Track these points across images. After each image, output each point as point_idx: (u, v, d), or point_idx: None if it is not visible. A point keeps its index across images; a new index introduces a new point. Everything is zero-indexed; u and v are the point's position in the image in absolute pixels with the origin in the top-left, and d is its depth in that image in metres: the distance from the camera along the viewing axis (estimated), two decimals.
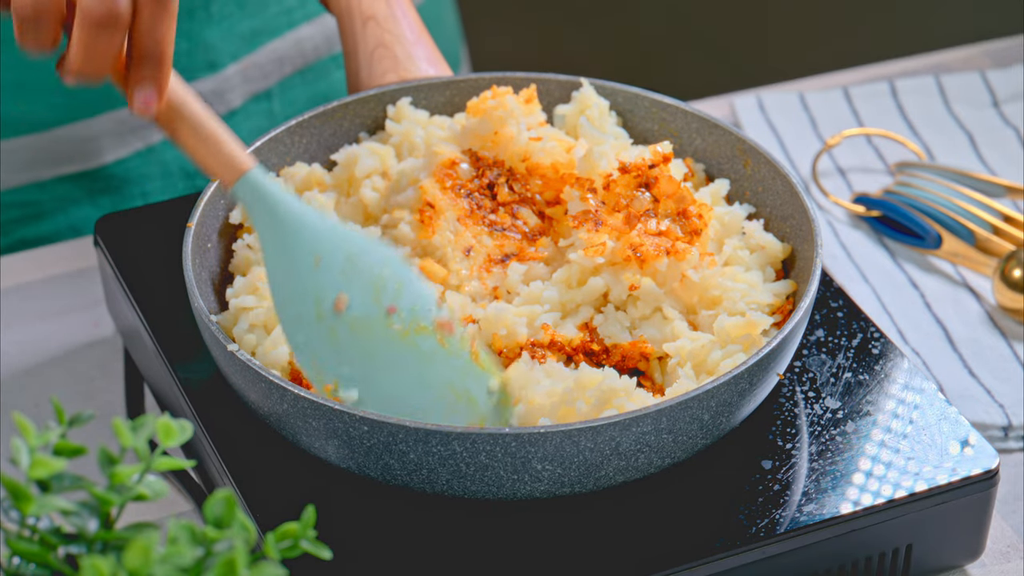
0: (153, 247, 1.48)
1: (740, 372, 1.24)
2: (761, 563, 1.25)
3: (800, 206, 1.39)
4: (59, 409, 1.01)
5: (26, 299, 1.66)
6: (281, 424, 1.27)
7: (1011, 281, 1.59)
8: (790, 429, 1.33)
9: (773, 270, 1.40)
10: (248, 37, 1.82)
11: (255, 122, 1.87)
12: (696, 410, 1.23)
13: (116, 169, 1.82)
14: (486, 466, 1.21)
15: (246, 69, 1.83)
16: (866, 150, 1.82)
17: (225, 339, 1.27)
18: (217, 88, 1.82)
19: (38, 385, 1.57)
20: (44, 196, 1.80)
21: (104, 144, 1.80)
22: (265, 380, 1.24)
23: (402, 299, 1.25)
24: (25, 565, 0.98)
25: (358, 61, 1.54)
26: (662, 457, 1.24)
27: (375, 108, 1.51)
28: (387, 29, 1.54)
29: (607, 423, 1.20)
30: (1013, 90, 1.89)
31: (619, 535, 1.25)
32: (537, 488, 1.23)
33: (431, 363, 1.26)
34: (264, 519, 1.25)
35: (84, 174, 1.81)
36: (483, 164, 1.43)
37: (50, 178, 1.80)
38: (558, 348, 1.32)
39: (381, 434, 1.21)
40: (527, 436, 1.20)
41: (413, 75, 1.53)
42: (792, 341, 1.29)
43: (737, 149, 1.46)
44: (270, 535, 0.99)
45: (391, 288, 1.26)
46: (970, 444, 1.32)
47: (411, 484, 1.24)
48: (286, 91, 1.88)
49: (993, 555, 1.38)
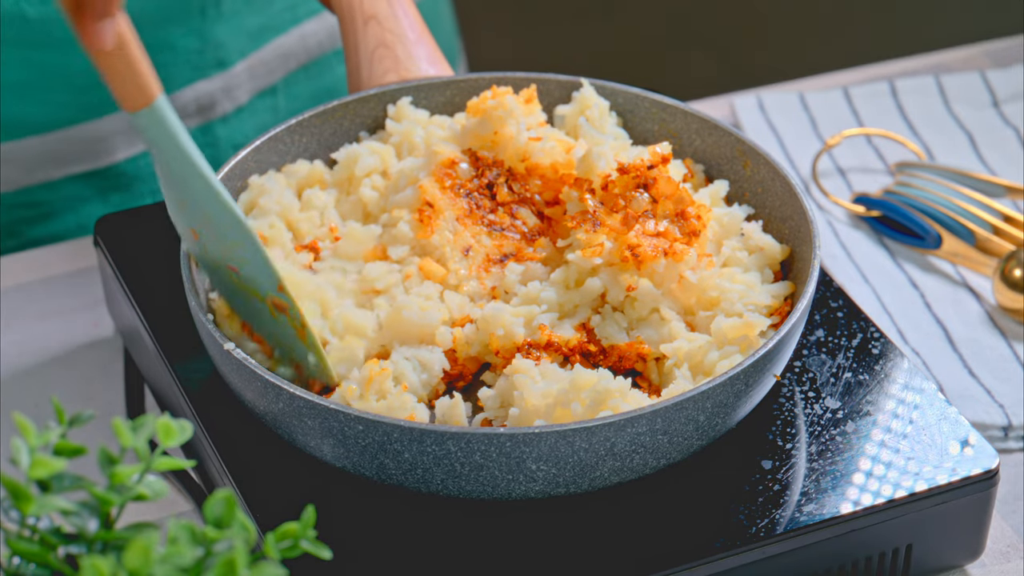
0: (153, 247, 1.48)
1: (736, 373, 1.23)
2: (761, 563, 1.25)
3: (799, 207, 1.39)
4: (59, 409, 1.01)
5: (26, 299, 1.66)
6: (277, 423, 1.27)
7: (1011, 281, 1.59)
8: (790, 429, 1.33)
9: (771, 271, 1.39)
10: (255, 34, 1.82)
11: (260, 118, 1.87)
12: (691, 411, 1.23)
13: (127, 167, 1.82)
14: (481, 466, 1.21)
15: (253, 66, 1.84)
16: (866, 150, 1.82)
17: (222, 338, 1.27)
18: (226, 86, 1.82)
19: (38, 385, 1.57)
20: (54, 196, 1.80)
21: (114, 143, 1.80)
22: (261, 379, 1.24)
23: (243, 269, 1.30)
24: (25, 565, 0.98)
25: (359, 60, 1.54)
26: (657, 458, 1.24)
27: (376, 107, 1.51)
28: (388, 29, 1.54)
29: (602, 423, 1.20)
30: (1013, 90, 1.89)
31: (619, 535, 1.25)
32: (532, 488, 1.23)
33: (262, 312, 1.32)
34: (264, 519, 1.25)
35: (95, 173, 1.81)
36: (482, 164, 1.42)
37: (60, 178, 1.80)
38: (555, 349, 1.32)
39: (376, 433, 1.21)
40: (521, 436, 1.20)
41: (414, 75, 1.53)
42: (789, 343, 1.29)
43: (737, 150, 1.46)
44: (270, 535, 0.99)
45: (236, 256, 1.30)
46: (970, 444, 1.32)
47: (407, 484, 1.24)
48: (290, 87, 1.89)
49: (993, 555, 1.38)
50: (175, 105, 1.80)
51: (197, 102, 1.82)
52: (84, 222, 1.82)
